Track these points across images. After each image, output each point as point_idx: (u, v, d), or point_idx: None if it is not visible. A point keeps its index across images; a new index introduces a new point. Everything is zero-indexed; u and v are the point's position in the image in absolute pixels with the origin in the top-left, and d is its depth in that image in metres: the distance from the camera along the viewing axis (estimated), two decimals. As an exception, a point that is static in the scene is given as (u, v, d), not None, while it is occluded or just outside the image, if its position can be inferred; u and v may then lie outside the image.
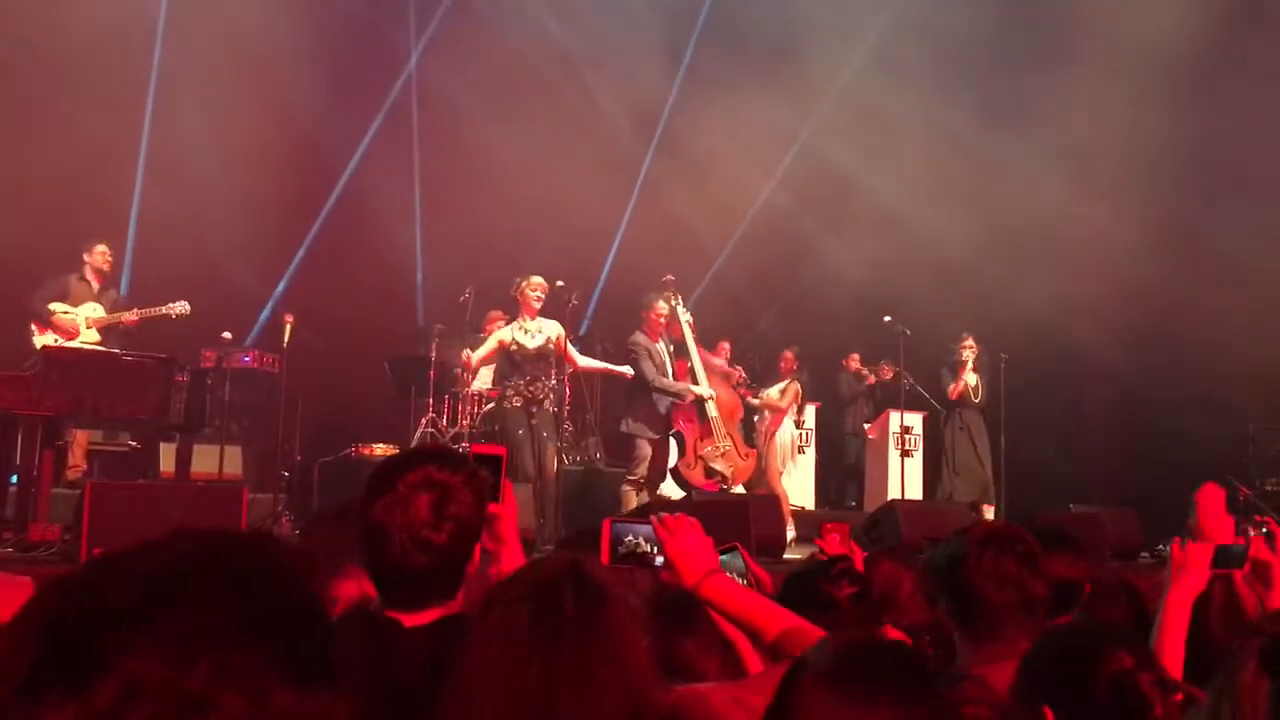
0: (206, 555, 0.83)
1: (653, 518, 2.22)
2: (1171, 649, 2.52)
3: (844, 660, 1.46)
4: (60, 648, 0.76)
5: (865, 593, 2.53)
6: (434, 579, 2.00)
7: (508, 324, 8.25)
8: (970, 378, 10.29)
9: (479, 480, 2.06)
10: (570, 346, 8.23)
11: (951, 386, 10.35)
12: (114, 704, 0.74)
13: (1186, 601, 2.60)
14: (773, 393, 10.48)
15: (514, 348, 7.93)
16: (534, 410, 7.85)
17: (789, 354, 10.79)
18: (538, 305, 8.00)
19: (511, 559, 2.20)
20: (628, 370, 8.36)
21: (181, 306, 8.14)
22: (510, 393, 7.96)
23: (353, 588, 2.46)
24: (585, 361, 8.66)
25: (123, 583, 0.79)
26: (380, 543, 1.97)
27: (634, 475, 8.31)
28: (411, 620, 2.00)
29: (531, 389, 7.85)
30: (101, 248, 8.18)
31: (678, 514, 2.23)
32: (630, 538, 2.29)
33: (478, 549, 2.08)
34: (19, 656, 0.76)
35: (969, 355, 10.30)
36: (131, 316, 8.10)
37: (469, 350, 8.39)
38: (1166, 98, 11.15)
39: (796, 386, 10.54)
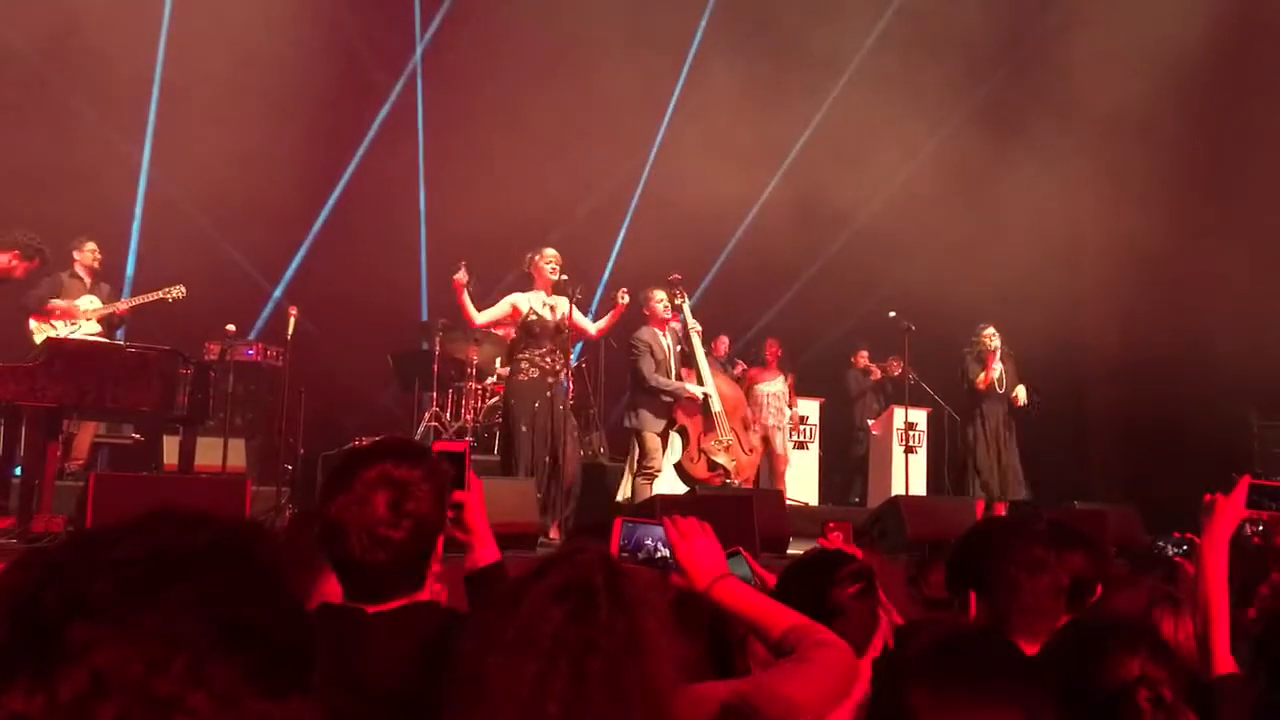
0: (190, 550, 0.81)
1: (665, 520, 2.22)
2: (1212, 583, 2.55)
3: (945, 657, 1.47)
4: (30, 634, 0.74)
5: (870, 588, 2.54)
6: (394, 575, 1.98)
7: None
8: (996, 368, 10.16)
9: (439, 474, 2.06)
10: (577, 314, 7.96)
11: (981, 376, 10.11)
12: (80, 696, 0.72)
13: (1225, 535, 2.63)
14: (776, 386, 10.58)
15: (533, 318, 7.66)
16: (550, 382, 7.71)
17: (773, 342, 10.88)
18: (553, 278, 7.82)
19: (482, 547, 2.21)
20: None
21: (178, 290, 8.13)
22: (525, 364, 7.64)
23: (337, 586, 2.46)
24: (597, 324, 8.21)
25: (100, 571, 0.77)
26: (339, 540, 1.96)
27: (648, 468, 8.28)
28: (375, 609, 2.00)
29: (547, 360, 7.72)
30: (91, 245, 8.15)
31: (689, 517, 2.23)
32: (640, 537, 2.29)
33: (441, 541, 2.07)
34: None
35: (996, 344, 10.13)
36: (123, 306, 8.10)
37: (472, 309, 7.76)
38: (1175, 102, 11.19)
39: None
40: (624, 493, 8.88)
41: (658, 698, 1.48)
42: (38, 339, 7.73)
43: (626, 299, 7.94)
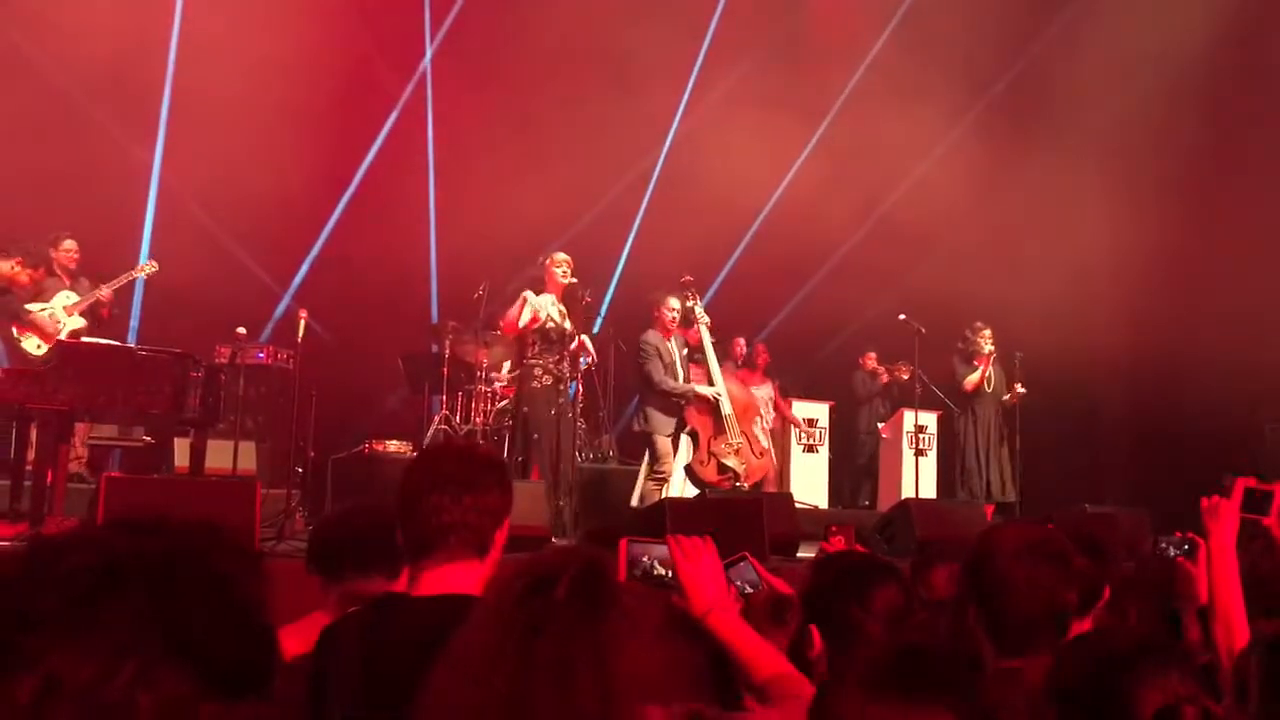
0: (144, 556, 0.83)
1: (670, 539, 2.21)
2: (1226, 590, 2.57)
3: (884, 666, 1.48)
4: None
5: (909, 606, 2.52)
6: (465, 521, 2.09)
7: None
8: (990, 372, 10.21)
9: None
10: (587, 341, 8.11)
11: (973, 379, 10.18)
12: (34, 700, 0.76)
13: (1228, 540, 2.68)
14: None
15: (550, 324, 7.71)
16: (561, 389, 7.73)
17: (763, 349, 10.93)
18: (564, 282, 7.86)
19: None
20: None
21: (150, 266, 8.18)
22: (539, 370, 7.70)
23: (376, 586, 2.50)
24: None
25: (50, 583, 0.80)
26: (419, 485, 2.11)
27: (659, 472, 8.28)
28: (428, 585, 2.06)
29: (560, 367, 7.73)
30: (68, 244, 8.11)
31: (693, 537, 2.23)
32: (646, 559, 2.28)
33: (507, 523, 2.17)
34: None
35: (991, 347, 10.19)
36: (105, 293, 8.07)
37: (513, 315, 7.84)
38: (1185, 105, 11.19)
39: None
40: (637, 497, 8.90)
41: (608, 695, 1.46)
42: (24, 345, 7.75)
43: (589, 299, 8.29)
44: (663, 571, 2.20)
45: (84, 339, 7.60)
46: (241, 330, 9.01)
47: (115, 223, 9.62)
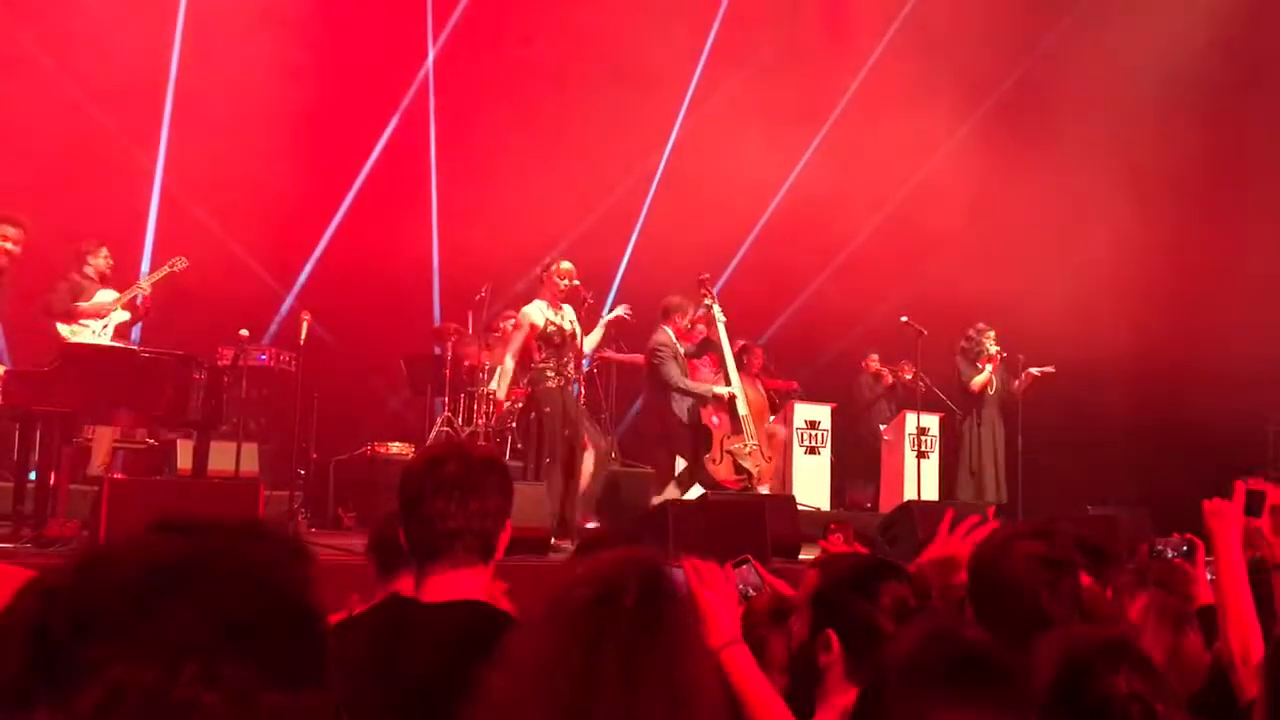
0: (191, 556, 0.84)
1: (686, 565, 2.21)
2: (1234, 591, 2.58)
3: (931, 661, 1.51)
4: (46, 655, 0.78)
5: (924, 600, 2.53)
6: (470, 526, 2.08)
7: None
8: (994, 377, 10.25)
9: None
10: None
11: (979, 381, 10.21)
12: (96, 709, 0.76)
13: (1234, 543, 2.68)
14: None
15: (551, 329, 7.68)
16: (569, 390, 7.74)
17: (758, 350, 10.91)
18: (562, 296, 7.89)
19: None
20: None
21: (181, 261, 8.22)
22: (551, 374, 7.69)
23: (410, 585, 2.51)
24: (589, 344, 8.33)
25: (104, 590, 0.80)
26: (421, 489, 2.10)
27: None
28: (434, 590, 2.05)
29: (567, 370, 7.74)
30: (104, 250, 8.21)
31: (710, 562, 2.23)
32: None
33: (509, 525, 2.16)
34: (5, 662, 0.78)
35: (995, 347, 10.23)
36: (146, 290, 8.14)
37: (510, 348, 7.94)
38: (1189, 104, 11.18)
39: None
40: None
41: (679, 697, 1.48)
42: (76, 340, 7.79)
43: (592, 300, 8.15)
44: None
45: (87, 341, 7.63)
46: (244, 332, 9.01)
47: (118, 225, 9.61)
